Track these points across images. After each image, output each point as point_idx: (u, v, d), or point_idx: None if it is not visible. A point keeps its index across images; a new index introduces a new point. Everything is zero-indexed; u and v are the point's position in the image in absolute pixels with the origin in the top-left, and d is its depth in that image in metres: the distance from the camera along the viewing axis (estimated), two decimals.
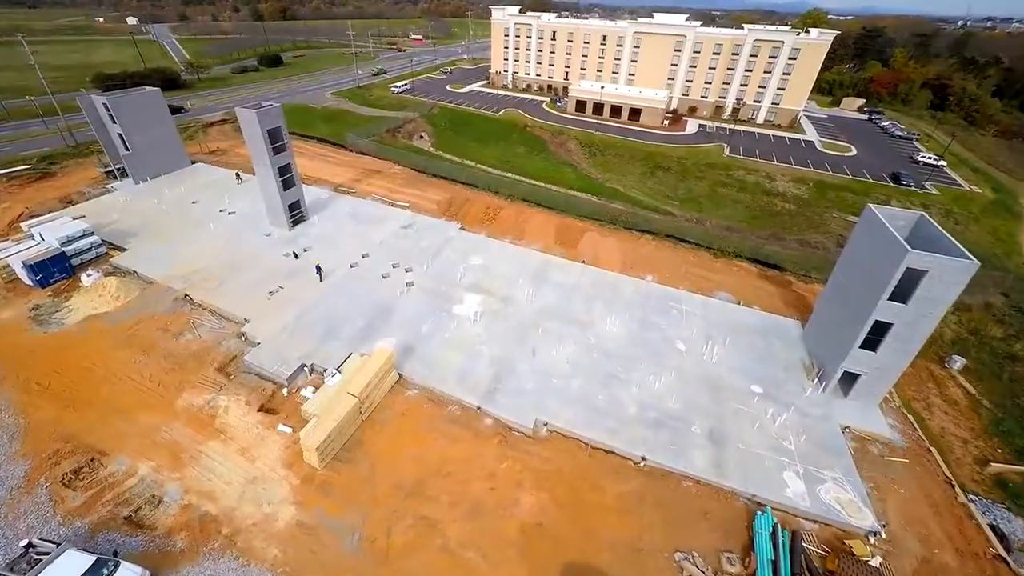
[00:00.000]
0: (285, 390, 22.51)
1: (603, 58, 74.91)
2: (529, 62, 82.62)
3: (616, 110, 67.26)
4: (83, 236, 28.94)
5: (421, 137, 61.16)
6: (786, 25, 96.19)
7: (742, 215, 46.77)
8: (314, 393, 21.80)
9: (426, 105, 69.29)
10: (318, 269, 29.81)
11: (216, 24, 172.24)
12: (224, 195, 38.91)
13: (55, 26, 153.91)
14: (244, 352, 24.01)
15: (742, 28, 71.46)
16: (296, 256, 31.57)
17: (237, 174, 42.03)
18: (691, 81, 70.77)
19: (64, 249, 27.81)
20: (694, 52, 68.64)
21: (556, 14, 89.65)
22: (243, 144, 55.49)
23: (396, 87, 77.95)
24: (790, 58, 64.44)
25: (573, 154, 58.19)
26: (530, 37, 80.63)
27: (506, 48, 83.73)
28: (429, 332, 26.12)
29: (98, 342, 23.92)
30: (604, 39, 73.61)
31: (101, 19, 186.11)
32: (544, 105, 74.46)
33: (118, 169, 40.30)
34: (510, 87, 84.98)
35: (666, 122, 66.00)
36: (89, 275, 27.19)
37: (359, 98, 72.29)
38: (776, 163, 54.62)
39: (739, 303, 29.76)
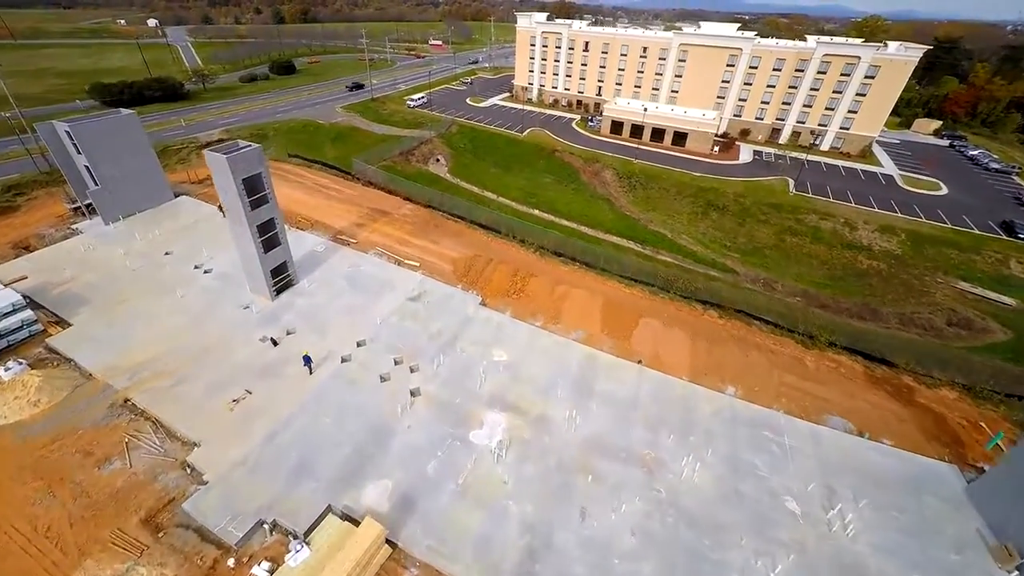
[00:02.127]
0: (232, 559, 16.01)
1: (642, 72, 66.97)
2: (557, 75, 75.20)
3: (658, 133, 59.21)
4: (13, 311, 23.16)
5: (437, 160, 54.60)
6: (835, 34, 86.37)
7: (820, 275, 38.50)
8: None
9: (443, 122, 62.70)
10: (307, 360, 23.34)
11: (232, 28, 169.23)
12: (204, 243, 32.89)
13: (73, 28, 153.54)
14: (185, 494, 17.67)
15: (805, 39, 62.84)
16: (275, 343, 25.00)
17: (220, 207, 36.14)
18: (744, 100, 62.08)
19: None
20: (750, 67, 60.00)
21: (588, 21, 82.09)
22: None
23: (412, 100, 71.70)
24: (867, 76, 55.39)
25: (609, 186, 50.64)
26: (559, 47, 73.25)
27: (532, 59, 76.52)
28: (437, 475, 19.20)
29: (2, 467, 17.92)
30: (644, 51, 65.68)
31: (122, 21, 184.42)
32: (574, 124, 66.98)
33: (87, 206, 34.75)
34: (535, 102, 77.82)
35: (716, 148, 57.56)
36: (8, 368, 21.27)
37: (371, 113, 66.23)
38: (853, 204, 45.87)
39: (862, 435, 21.95)
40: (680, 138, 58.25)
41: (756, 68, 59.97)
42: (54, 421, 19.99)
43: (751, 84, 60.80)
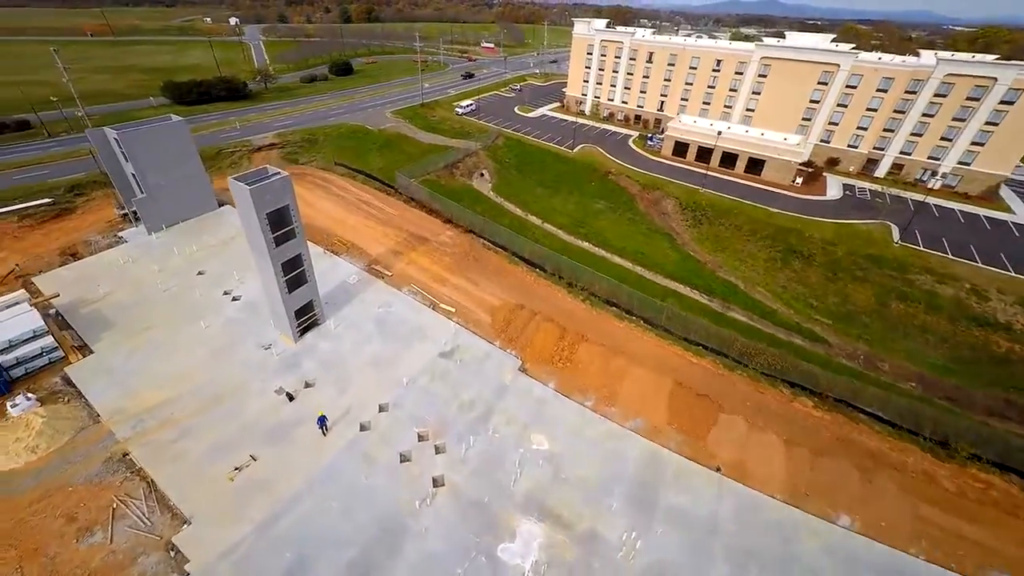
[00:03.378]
0: None
1: (713, 88, 59.93)
2: (615, 87, 69.54)
3: (729, 158, 52.18)
4: (34, 338, 22.25)
5: (481, 175, 51.33)
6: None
7: (940, 355, 30.88)
8: None
9: (490, 133, 59.30)
10: (321, 421, 20.69)
11: (301, 27, 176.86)
12: (237, 262, 31.27)
13: (165, 26, 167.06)
14: None
15: (919, 55, 53.17)
16: (291, 398, 22.41)
17: None
18: (836, 124, 53.44)
19: (1, 360, 21.12)
20: (847, 87, 51.54)
21: (652, 29, 75.73)
22: (290, 177, 50.29)
23: (460, 107, 69.10)
24: (1003, 102, 45.45)
25: (671, 218, 44.82)
26: (618, 57, 67.57)
27: (587, 68, 71.39)
28: None
29: None
30: (718, 64, 58.64)
31: (208, 19, 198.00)
32: (631, 142, 61.15)
33: (133, 213, 34.74)
34: (588, 114, 72.64)
35: (798, 179, 49.75)
36: (15, 404, 20.08)
37: (420, 120, 64.27)
38: (980, 264, 37.04)
39: None
40: (755, 165, 50.98)
41: (855, 88, 51.27)
42: (48, 473, 18.33)
43: (846, 106, 52.04)
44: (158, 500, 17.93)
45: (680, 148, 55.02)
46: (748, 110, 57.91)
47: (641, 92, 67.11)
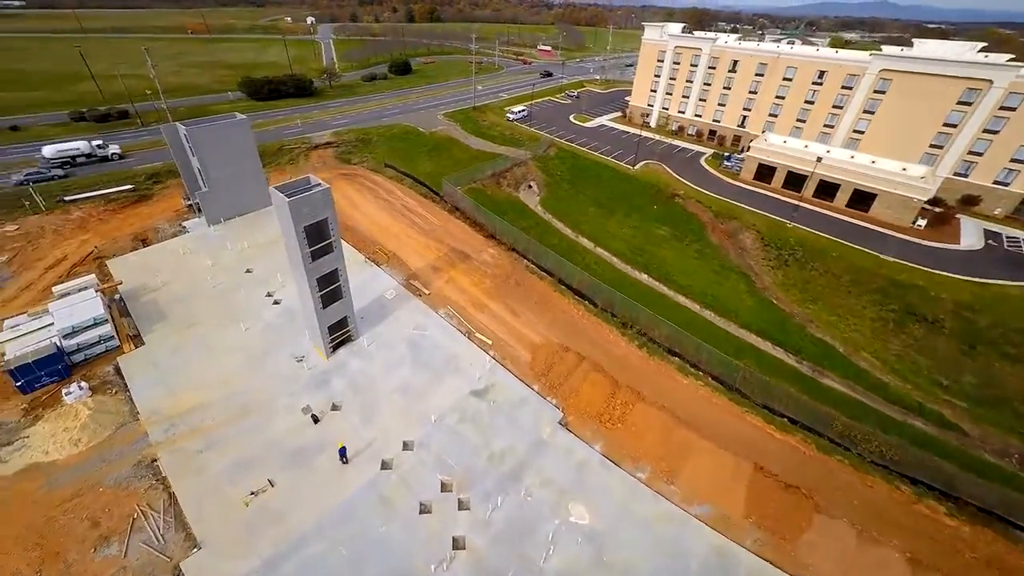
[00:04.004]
0: None
1: (811, 103, 52.27)
2: (688, 98, 63.57)
3: (827, 188, 44.70)
4: (94, 325, 23.19)
5: (529, 187, 48.75)
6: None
7: None
8: None
9: (541, 142, 56.51)
10: (342, 453, 19.55)
11: (368, 26, 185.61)
12: (284, 262, 30.85)
13: (253, 24, 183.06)
14: None
15: None
16: (316, 420, 21.44)
17: None
18: (978, 155, 43.61)
19: (65, 344, 22.15)
20: (1003, 109, 41.44)
21: (737, 36, 68.40)
22: (340, 177, 47.19)
23: (512, 112, 66.90)
24: None
25: (749, 255, 39.14)
26: (695, 65, 61.54)
27: (656, 77, 65.94)
28: None
29: (11, 522, 16.44)
30: (820, 76, 51.04)
31: (289, 19, 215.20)
32: (703, 161, 55.30)
33: (196, 205, 36.34)
34: (654, 127, 67.22)
35: (921, 221, 41.02)
36: (69, 392, 20.82)
37: (471, 124, 63.08)
38: None
39: None
40: (863, 199, 43.06)
41: (1012, 110, 41.11)
42: (84, 469, 18.55)
43: (996, 132, 42.13)
44: (176, 516, 17.45)
45: (764, 172, 48.45)
46: (856, 132, 49.70)
47: (719, 105, 60.64)
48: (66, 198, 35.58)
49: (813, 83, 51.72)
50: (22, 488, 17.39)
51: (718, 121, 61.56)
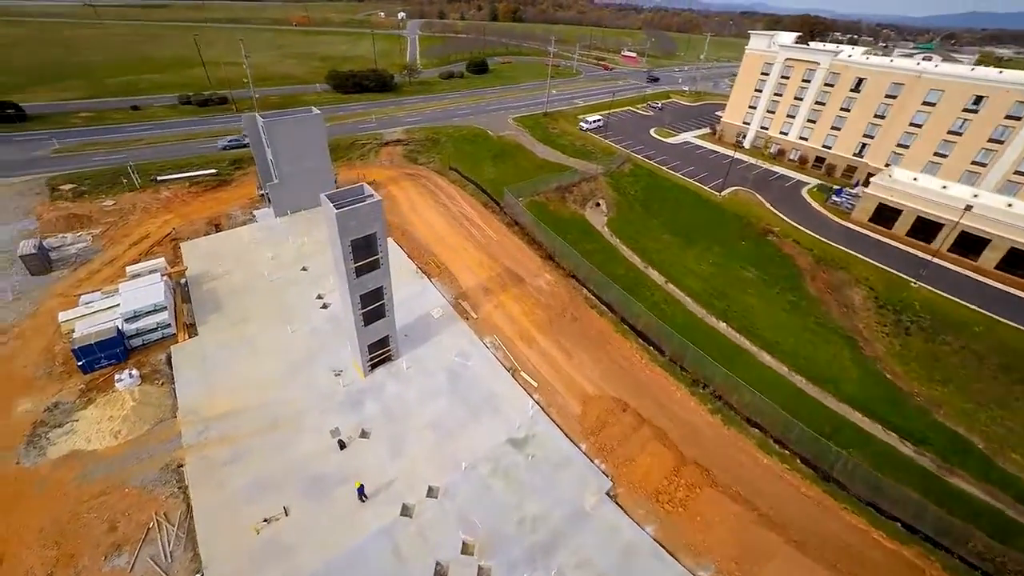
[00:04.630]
0: None
1: (958, 135, 42.30)
2: (793, 117, 55.05)
3: (971, 242, 35.45)
4: (154, 311, 23.72)
5: (597, 205, 44.63)
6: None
7: None
8: None
9: (616, 157, 51.92)
10: (360, 492, 17.75)
11: (452, 23, 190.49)
12: (335, 267, 30.96)
13: (349, 18, 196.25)
14: None
15: None
16: (342, 446, 19.88)
17: None
18: None
19: (125, 327, 22.78)
20: None
21: (863, 50, 58.16)
22: (405, 177, 46.26)
23: (586, 121, 62.77)
24: None
25: (856, 315, 31.90)
26: (807, 81, 53.01)
27: (758, 92, 58.03)
28: None
29: (40, 513, 16.39)
30: (977, 101, 41.00)
31: (382, 14, 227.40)
32: (806, 193, 47.30)
33: (266, 195, 37.36)
34: (748, 147, 59.26)
35: None
36: (120, 380, 21.22)
37: (540, 131, 60.10)
38: None
39: None
40: (1019, 261, 33.72)
41: None
42: (116, 464, 18.38)
43: None
44: (188, 532, 16.57)
45: (885, 214, 39.71)
46: (1018, 173, 39.31)
47: (833, 129, 51.67)
48: (159, 178, 38.51)
49: (965, 110, 41.63)
50: (59, 477, 17.53)
51: (828, 147, 52.53)
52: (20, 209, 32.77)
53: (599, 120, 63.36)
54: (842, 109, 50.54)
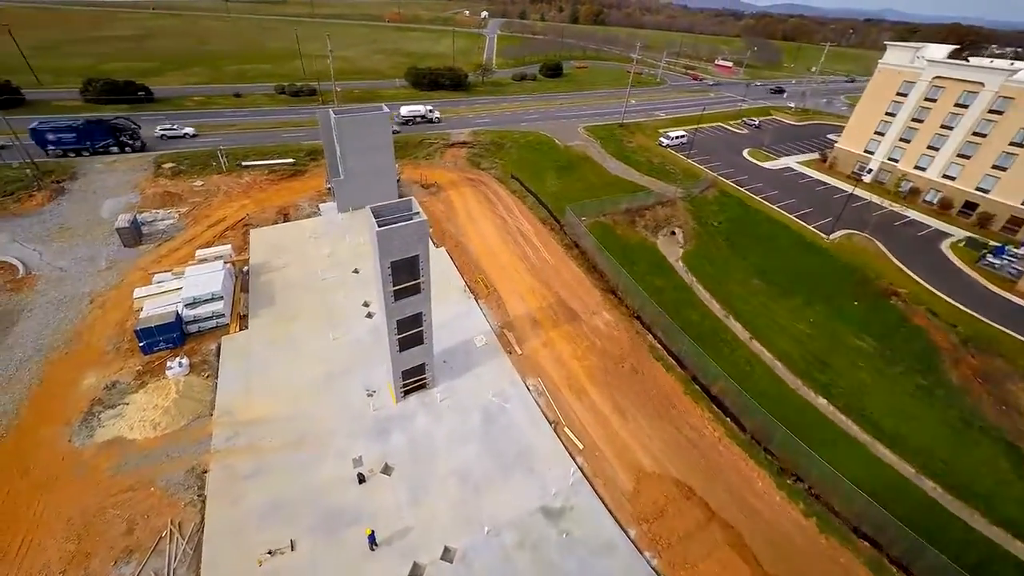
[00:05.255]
0: None
1: None
2: (936, 149, 44.72)
3: None
4: (211, 300, 24.18)
5: (672, 234, 39.49)
6: None
7: None
8: None
9: (700, 180, 45.96)
10: (371, 539, 15.96)
11: (531, 24, 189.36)
12: None
13: (436, 16, 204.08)
14: None
15: None
16: (361, 480, 18.25)
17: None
18: None
19: (184, 313, 23.35)
20: None
21: None
22: (466, 182, 43.86)
23: (667, 136, 56.93)
24: None
25: (1022, 418, 24.15)
26: (963, 105, 42.55)
27: (890, 115, 48.17)
28: None
29: (72, 501, 16.51)
30: None
31: (467, 12, 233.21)
32: (947, 248, 37.86)
33: (331, 190, 37.93)
34: (869, 181, 49.55)
35: None
36: (169, 368, 21.63)
37: (613, 143, 55.54)
38: None
39: None
40: None
41: None
42: (150, 459, 18.33)
43: None
44: (195, 548, 15.84)
45: None
46: None
47: (995, 168, 40.93)
48: (243, 163, 40.99)
49: None
50: (98, 464, 17.83)
51: (985, 191, 41.76)
52: (129, 183, 36.53)
53: (683, 136, 57.17)
54: (1013, 144, 39.76)
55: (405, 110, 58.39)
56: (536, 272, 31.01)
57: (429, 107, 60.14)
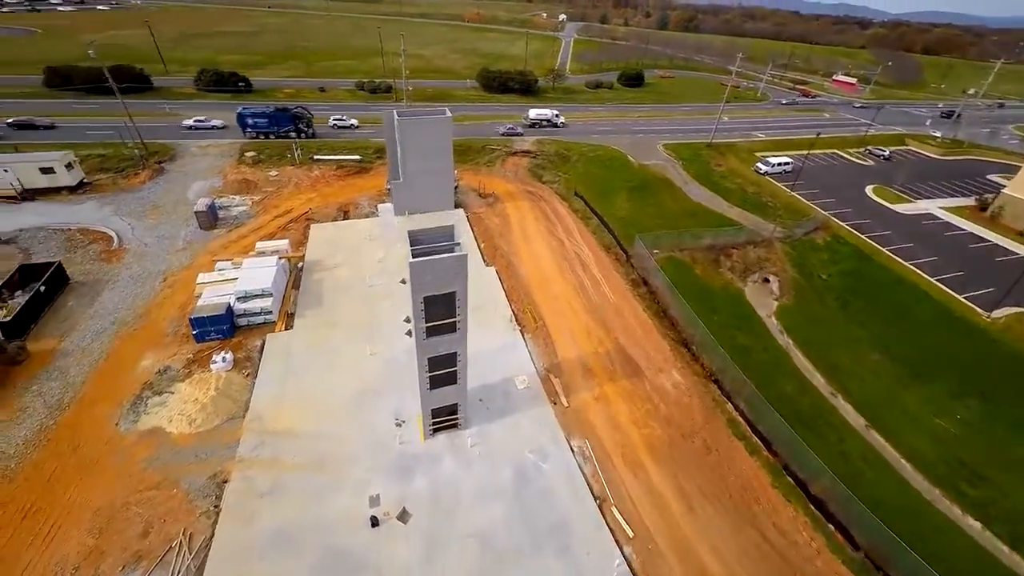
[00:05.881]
0: None
1: None
2: None
3: None
4: (260, 296, 24.08)
5: (765, 281, 33.20)
6: None
7: None
8: None
9: (806, 219, 38.39)
10: None
11: (612, 29, 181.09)
12: None
13: (513, 17, 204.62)
14: None
15: None
16: (374, 523, 16.39)
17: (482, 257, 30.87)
18: None
19: (236, 307, 23.39)
20: None
21: None
22: (525, 195, 40.45)
23: (767, 163, 49.20)
24: None
25: None
26: None
27: None
28: None
29: (104, 490, 16.48)
30: None
31: (545, 15, 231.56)
32: None
33: (391, 191, 37.47)
34: None
35: None
36: (215, 361, 21.55)
37: (698, 165, 49.27)
38: None
39: None
40: None
41: None
42: (181, 457, 18.05)
43: None
44: (197, 568, 14.94)
45: None
46: None
47: None
48: (315, 156, 42.38)
49: None
50: (135, 454, 17.86)
51: None
52: (215, 168, 39.30)
53: (787, 163, 49.02)
54: None
55: (533, 113, 57.87)
56: (593, 309, 27.28)
57: (556, 111, 58.78)
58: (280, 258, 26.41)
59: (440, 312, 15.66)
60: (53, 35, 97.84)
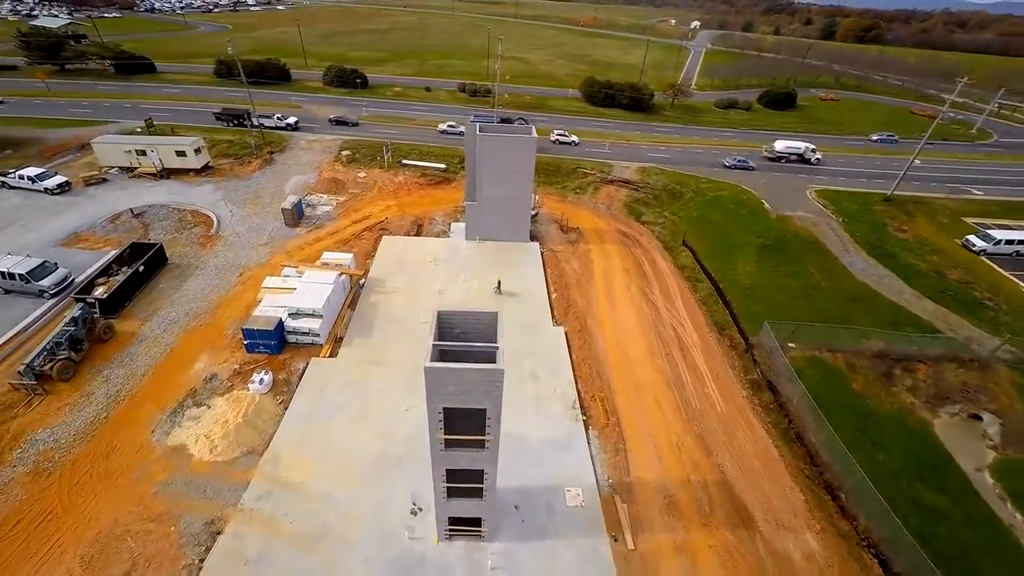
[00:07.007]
0: None
1: None
2: None
3: None
4: (311, 316, 22.57)
5: (974, 419, 21.97)
6: None
7: None
8: None
9: None
10: None
11: (757, 39, 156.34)
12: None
13: (635, 23, 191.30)
14: None
15: None
16: None
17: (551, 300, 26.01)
18: None
19: (286, 323, 22.21)
20: None
21: None
22: (617, 237, 34.03)
23: (986, 235, 34.36)
24: None
25: None
26: None
27: None
28: None
29: (112, 510, 15.66)
30: None
31: (673, 21, 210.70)
32: None
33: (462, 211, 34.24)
34: None
35: None
36: (252, 381, 20.37)
37: (868, 226, 36.70)
38: None
39: None
40: None
41: None
42: (190, 488, 16.66)
43: None
44: None
45: None
46: None
47: None
48: (404, 161, 41.61)
49: None
50: (153, 474, 17.05)
51: None
52: (313, 164, 40.95)
53: (1022, 241, 33.48)
54: None
55: (780, 145, 49.54)
56: (692, 416, 20.28)
57: (811, 146, 49.94)
58: (340, 274, 25.03)
59: (464, 426, 11.35)
60: (239, 30, 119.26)
